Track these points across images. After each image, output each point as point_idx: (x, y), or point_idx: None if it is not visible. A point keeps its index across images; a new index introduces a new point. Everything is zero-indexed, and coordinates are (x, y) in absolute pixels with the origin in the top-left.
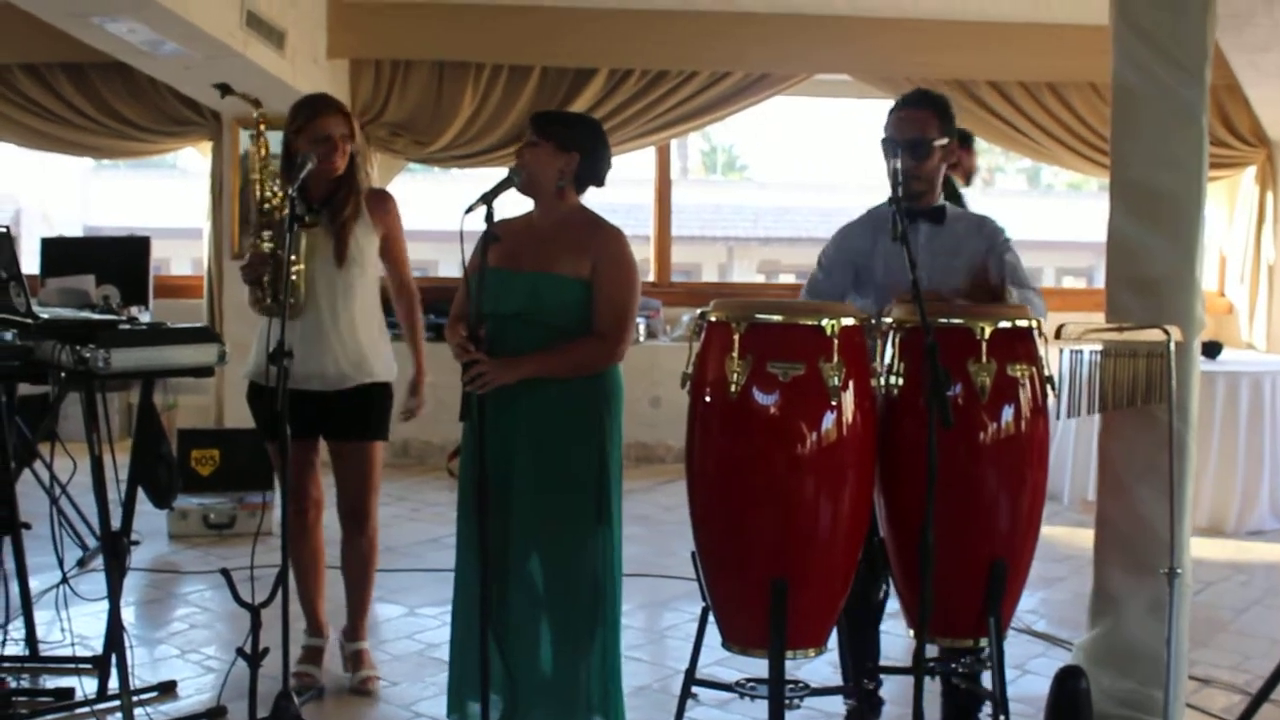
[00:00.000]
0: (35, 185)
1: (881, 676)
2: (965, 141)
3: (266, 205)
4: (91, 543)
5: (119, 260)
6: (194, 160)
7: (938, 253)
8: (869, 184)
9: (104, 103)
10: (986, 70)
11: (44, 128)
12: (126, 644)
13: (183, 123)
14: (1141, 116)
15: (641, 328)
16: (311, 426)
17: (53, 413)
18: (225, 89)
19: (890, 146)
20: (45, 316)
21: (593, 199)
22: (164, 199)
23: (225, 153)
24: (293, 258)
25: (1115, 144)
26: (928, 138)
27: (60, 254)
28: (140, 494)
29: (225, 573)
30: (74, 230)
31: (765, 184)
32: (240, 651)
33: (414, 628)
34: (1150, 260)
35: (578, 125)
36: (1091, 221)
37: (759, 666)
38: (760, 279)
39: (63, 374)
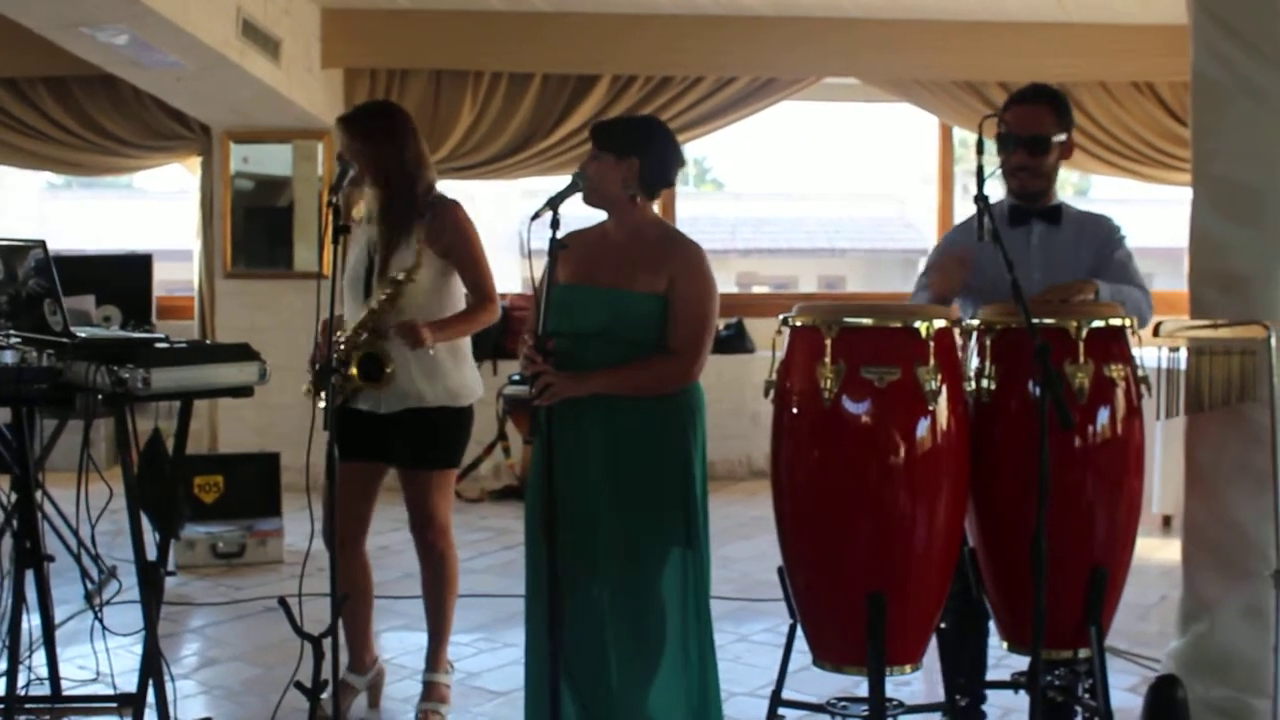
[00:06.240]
0: None
1: (986, 691)
2: None
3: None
4: (95, 574)
5: (119, 279)
6: (149, 180)
7: (1053, 254)
8: (861, 192)
9: (88, 117)
10: (997, 71)
11: (24, 144)
12: (167, 679)
13: (170, 137)
14: (1223, 110)
15: None
16: (364, 449)
17: (75, 440)
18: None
19: (1009, 142)
20: (83, 335)
21: (580, 212)
22: (120, 219)
23: (215, 169)
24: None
25: (1196, 139)
26: (1045, 134)
27: (59, 273)
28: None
29: (283, 601)
30: None
31: (740, 194)
32: (299, 685)
33: (449, 655)
34: (1236, 256)
35: (632, 129)
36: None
37: (831, 685)
38: (734, 290)
39: (98, 396)
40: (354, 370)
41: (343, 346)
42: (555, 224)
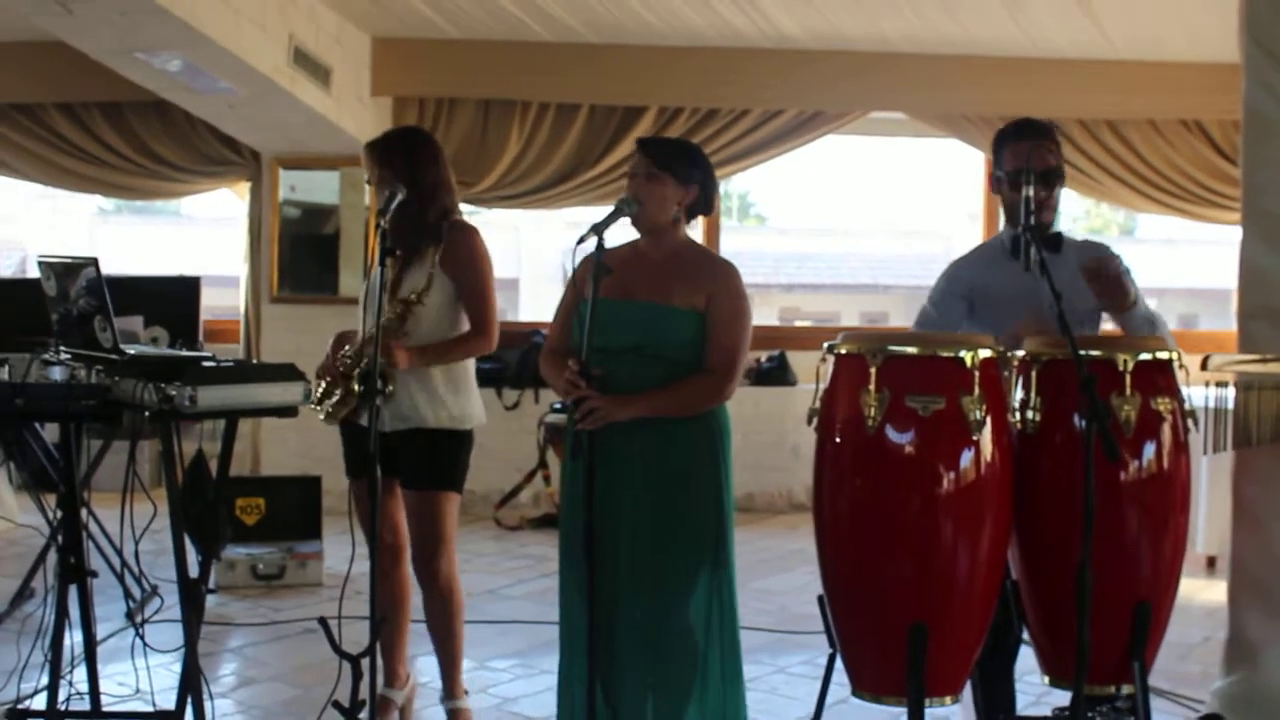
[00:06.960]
0: (42, 232)
1: None
2: None
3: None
4: (138, 592)
5: (167, 301)
6: (196, 207)
7: (1056, 281)
8: (907, 229)
9: (140, 142)
10: (1043, 108)
11: (77, 167)
12: (206, 697)
13: (221, 163)
14: (1275, 144)
15: None
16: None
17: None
18: None
19: (1025, 176)
20: (131, 352)
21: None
22: (167, 245)
23: (264, 194)
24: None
25: (1247, 173)
26: (1060, 166)
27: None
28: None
29: (323, 621)
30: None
31: (785, 229)
32: (337, 705)
33: (486, 681)
34: None
35: (696, 157)
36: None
37: (869, 717)
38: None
39: (145, 413)
40: (355, 385)
41: (350, 360)
42: (600, 249)
